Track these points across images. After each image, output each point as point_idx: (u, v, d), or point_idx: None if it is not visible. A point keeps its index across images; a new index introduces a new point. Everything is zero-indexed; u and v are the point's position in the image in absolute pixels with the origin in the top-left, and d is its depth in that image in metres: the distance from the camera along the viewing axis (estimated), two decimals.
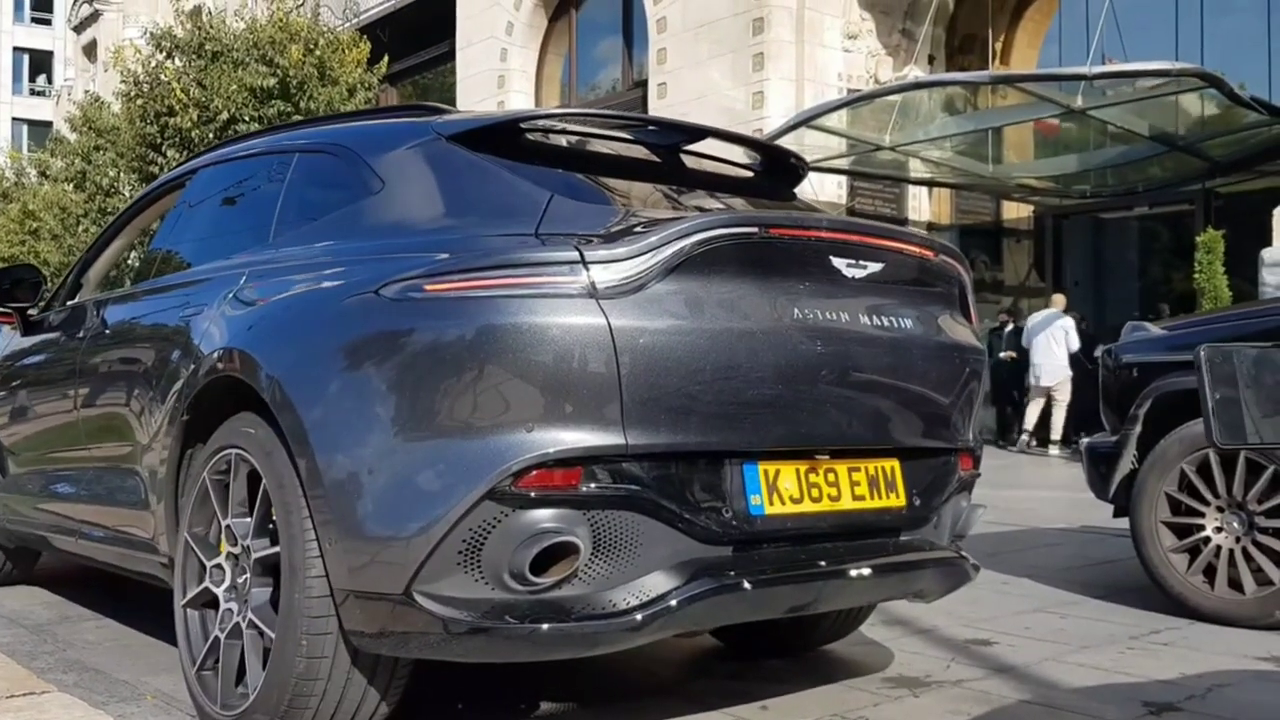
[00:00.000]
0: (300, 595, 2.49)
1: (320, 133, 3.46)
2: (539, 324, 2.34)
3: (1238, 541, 4.13)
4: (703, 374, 2.44)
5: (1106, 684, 3.30)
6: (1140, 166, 14.83)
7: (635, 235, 2.46)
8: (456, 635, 2.34)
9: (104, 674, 3.41)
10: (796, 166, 3.67)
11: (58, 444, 4.03)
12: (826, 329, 2.64)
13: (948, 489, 3.00)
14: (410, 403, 2.40)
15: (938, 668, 3.46)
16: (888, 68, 15.42)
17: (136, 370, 3.43)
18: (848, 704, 3.08)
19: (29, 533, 4.28)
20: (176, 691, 3.18)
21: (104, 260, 4.58)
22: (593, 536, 2.35)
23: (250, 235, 3.36)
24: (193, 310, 3.22)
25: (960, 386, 2.98)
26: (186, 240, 3.88)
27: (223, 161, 3.87)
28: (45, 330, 4.44)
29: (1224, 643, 3.84)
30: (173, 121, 14.82)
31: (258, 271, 3.08)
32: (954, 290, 3.09)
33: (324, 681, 2.50)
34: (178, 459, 3.09)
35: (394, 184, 2.90)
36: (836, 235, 2.75)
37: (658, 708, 3.03)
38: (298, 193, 3.29)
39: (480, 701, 3.13)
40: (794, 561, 2.63)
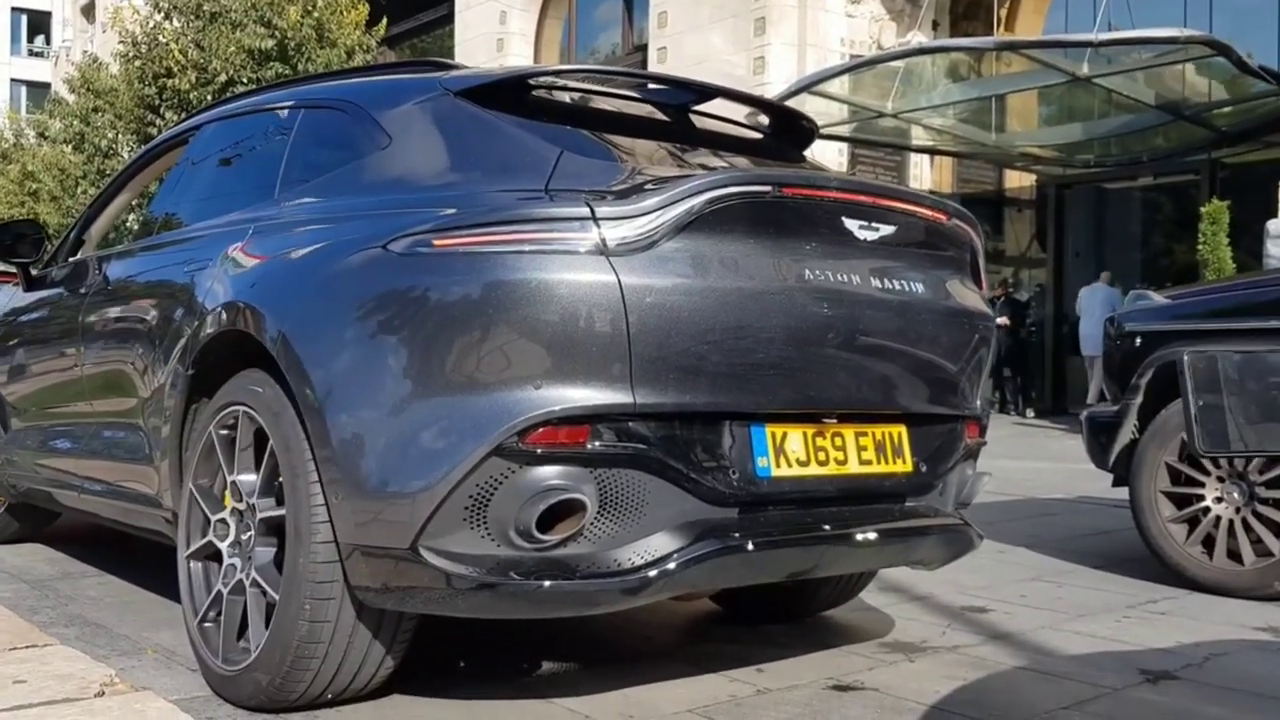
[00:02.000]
0: (306, 552, 2.48)
1: (326, 88, 3.42)
2: (548, 280, 2.32)
3: (1237, 512, 4.12)
4: (712, 334, 2.42)
5: (1103, 651, 3.30)
6: (1145, 136, 14.76)
7: (646, 192, 2.43)
8: (461, 591, 2.34)
9: (105, 628, 3.43)
10: (806, 128, 3.64)
11: (61, 400, 4.02)
12: (837, 291, 2.62)
13: (954, 456, 2.98)
14: (418, 358, 2.39)
15: (934, 634, 3.46)
16: (891, 33, 15.33)
17: (140, 326, 3.42)
18: (843, 668, 3.08)
19: (33, 488, 4.27)
20: (177, 646, 3.20)
21: (106, 217, 4.56)
22: (599, 495, 2.35)
23: (255, 191, 3.32)
24: (197, 266, 3.19)
25: (969, 353, 2.96)
26: (190, 196, 3.85)
27: (227, 118, 3.84)
28: (47, 286, 4.42)
29: (1222, 613, 3.84)
30: (171, 83, 14.77)
31: (263, 227, 3.04)
32: (965, 255, 3.06)
33: (327, 641, 2.50)
34: (182, 414, 3.07)
35: (401, 139, 2.88)
36: (849, 196, 2.72)
37: (656, 670, 3.03)
38: (303, 148, 3.26)
39: (480, 661, 3.13)
40: (799, 525, 2.61)
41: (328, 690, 2.57)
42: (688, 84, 3.39)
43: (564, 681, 2.96)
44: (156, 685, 2.78)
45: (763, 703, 2.78)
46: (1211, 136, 14.00)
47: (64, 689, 2.63)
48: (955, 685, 2.95)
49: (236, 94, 13.33)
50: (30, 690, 2.61)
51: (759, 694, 2.85)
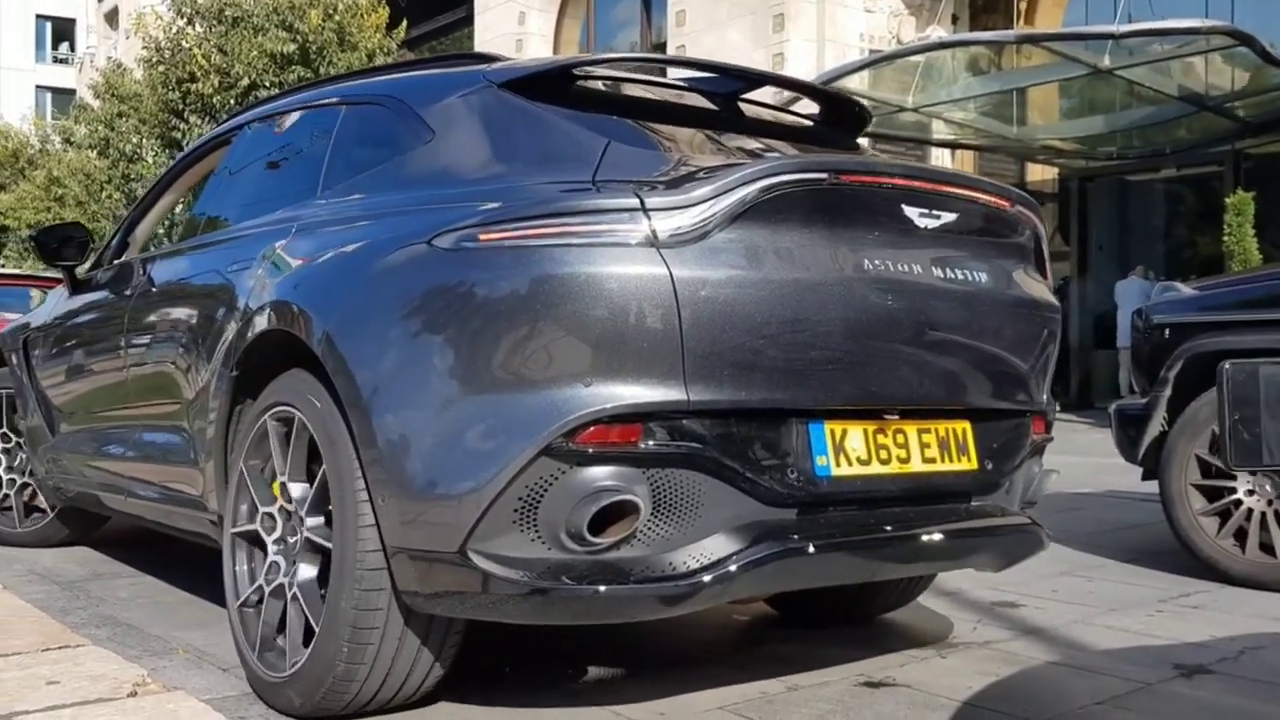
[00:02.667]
0: (352, 555, 2.44)
1: (368, 84, 3.38)
2: (597, 274, 2.26)
3: (1269, 504, 4.09)
4: (768, 328, 2.35)
5: (1136, 646, 3.29)
6: (1167, 127, 14.66)
7: (698, 181, 2.36)
8: (512, 596, 2.28)
9: (136, 629, 3.45)
10: (860, 114, 3.53)
11: (107, 403, 4.00)
12: (898, 282, 2.53)
13: (1020, 453, 2.89)
14: (464, 356, 2.33)
15: (965, 629, 3.45)
16: (910, 28, 15.27)
17: (184, 327, 3.40)
18: (875, 664, 3.07)
19: (82, 492, 4.25)
20: (208, 646, 3.23)
21: (151, 219, 4.53)
22: (652, 496, 2.28)
23: (298, 189, 3.30)
24: (240, 265, 3.16)
25: (1035, 345, 2.87)
26: (233, 196, 3.83)
27: (269, 116, 3.81)
28: (92, 289, 4.39)
29: (1255, 606, 3.82)
30: (194, 88, 14.86)
31: (306, 225, 3.01)
32: (1029, 243, 2.96)
33: (375, 645, 2.45)
34: (226, 416, 3.04)
35: (445, 133, 2.83)
36: (909, 182, 2.62)
37: (703, 674, 2.98)
38: (346, 145, 3.22)
39: (527, 667, 3.10)
40: (861, 526, 2.53)
41: (374, 700, 2.53)
42: (736, 71, 3.32)
43: (610, 688, 2.93)
44: (188, 685, 2.79)
45: (795, 699, 2.78)
46: (1235, 127, 13.90)
47: (97, 689, 2.64)
48: (988, 681, 2.94)
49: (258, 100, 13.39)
50: (64, 691, 2.64)
51: (790, 691, 2.85)
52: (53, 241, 4.42)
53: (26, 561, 4.57)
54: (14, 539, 4.91)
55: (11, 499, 4.94)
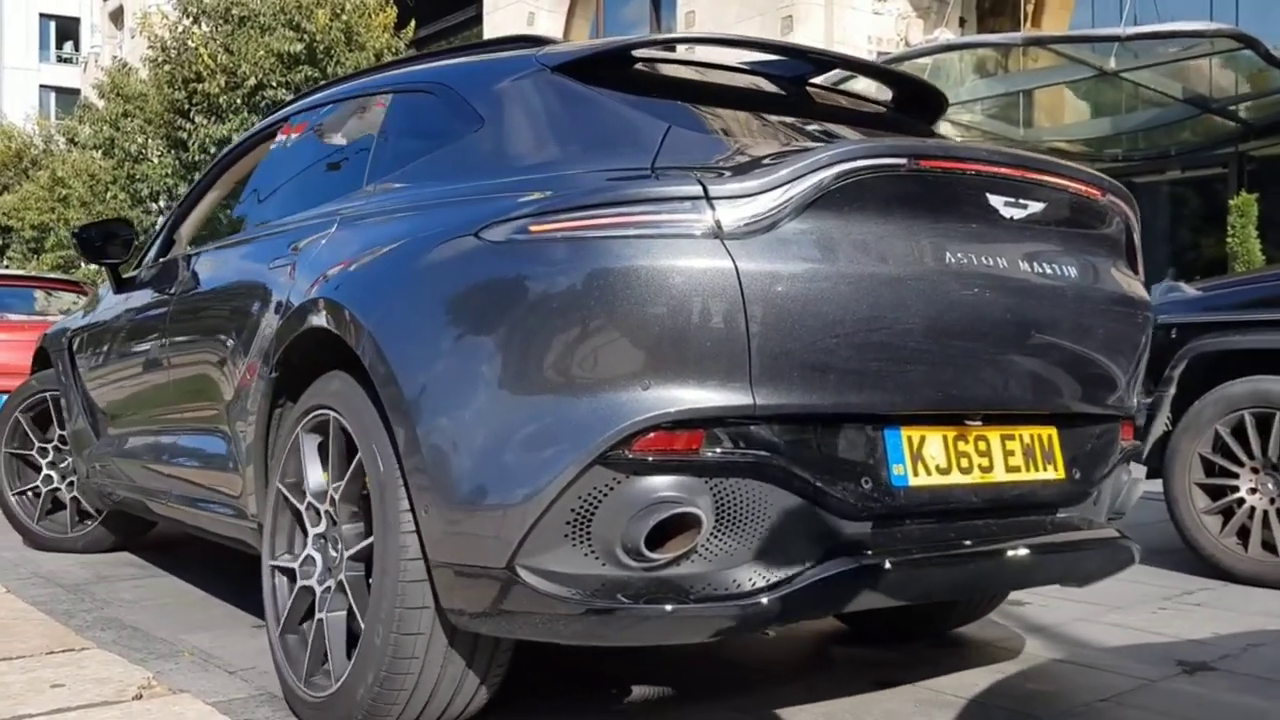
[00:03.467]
0: (393, 569, 2.30)
1: (416, 72, 3.21)
2: (657, 268, 2.09)
3: (1272, 503, 4.11)
4: (841, 326, 2.16)
5: (1140, 643, 3.30)
6: (1172, 130, 14.65)
7: (766, 168, 2.18)
8: (564, 615, 2.11)
9: (141, 631, 3.44)
10: (936, 98, 3.33)
11: (149, 405, 3.91)
12: (981, 276, 2.34)
13: (1109, 461, 2.69)
14: (512, 357, 2.18)
15: (972, 627, 3.46)
16: (918, 30, 15.27)
17: (224, 327, 3.29)
18: (883, 663, 3.09)
19: (128, 497, 4.14)
20: (214, 649, 3.22)
21: (197, 215, 4.41)
22: (715, 508, 2.10)
23: (344, 181, 3.19)
24: (282, 261, 3.04)
25: (1126, 345, 2.66)
26: (278, 190, 3.70)
27: (315, 107, 3.70)
28: (136, 288, 4.29)
29: (1258, 604, 3.83)
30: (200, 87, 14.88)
31: (349, 218, 2.88)
32: (1121, 235, 2.74)
33: (418, 667, 2.31)
34: (266, 418, 2.92)
35: (495, 120, 2.67)
36: (994, 169, 2.42)
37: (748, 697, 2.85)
38: (392, 135, 3.09)
39: (565, 681, 2.98)
40: (941, 540, 2.33)
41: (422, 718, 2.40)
42: (803, 52, 3.15)
43: (655, 709, 2.78)
44: (194, 688, 2.77)
45: (804, 696, 2.79)
46: (1239, 130, 13.89)
47: (102, 692, 2.64)
48: (994, 679, 2.95)
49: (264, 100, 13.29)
50: (68, 694, 2.63)
51: (802, 690, 2.86)
52: (96, 239, 4.31)
53: (30, 564, 4.56)
54: (63, 545, 4.85)
55: (65, 503, 4.90)
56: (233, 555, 4.47)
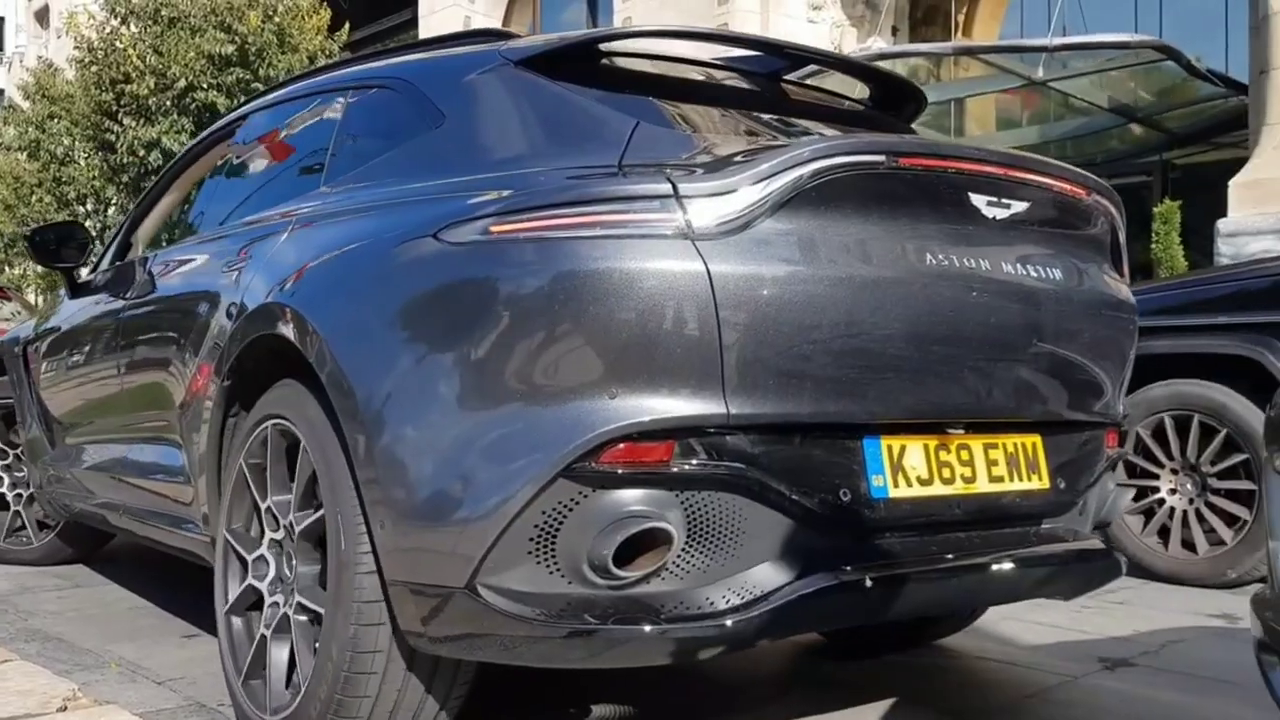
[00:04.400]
0: (348, 589, 2.20)
1: (376, 68, 3.10)
2: (624, 270, 1.98)
3: (1191, 503, 4.22)
4: (818, 331, 2.07)
5: (1063, 641, 3.37)
6: (1099, 138, 14.96)
7: (739, 165, 2.08)
8: (528, 637, 2.01)
9: (67, 643, 3.38)
10: (915, 96, 3.23)
11: (103, 413, 3.79)
12: (964, 279, 2.25)
13: (1095, 469, 2.60)
14: (473, 365, 2.07)
15: None
16: (852, 39, 15.42)
17: (177, 333, 3.18)
18: (807, 662, 3.12)
19: (85, 509, 4.00)
20: (141, 659, 3.17)
21: (154, 217, 4.23)
22: (687, 522, 2.00)
23: (302, 181, 3.09)
24: (236, 265, 2.93)
25: (1112, 350, 2.58)
26: (236, 190, 3.60)
27: (273, 105, 3.58)
28: (91, 293, 4.15)
29: (1177, 601, 3.93)
30: (129, 89, 14.60)
31: (305, 219, 2.78)
32: (1106, 236, 2.65)
33: (374, 689, 2.20)
34: (220, 428, 2.81)
35: (456, 117, 2.58)
36: (977, 167, 2.32)
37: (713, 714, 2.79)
38: (351, 133, 2.99)
39: (518, 697, 2.85)
40: (923, 554, 2.24)
41: None
42: (779, 47, 3.00)
43: None
44: (121, 699, 2.72)
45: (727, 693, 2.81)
46: (1163, 139, 14.21)
47: (25, 705, 2.56)
48: (918, 677, 3.00)
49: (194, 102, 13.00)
50: None
51: (723, 686, 2.88)
52: (51, 242, 4.18)
53: None
54: (20, 558, 4.69)
55: (22, 516, 4.72)
56: (161, 565, 4.42)
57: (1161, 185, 14.14)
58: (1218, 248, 9.60)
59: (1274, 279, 4.41)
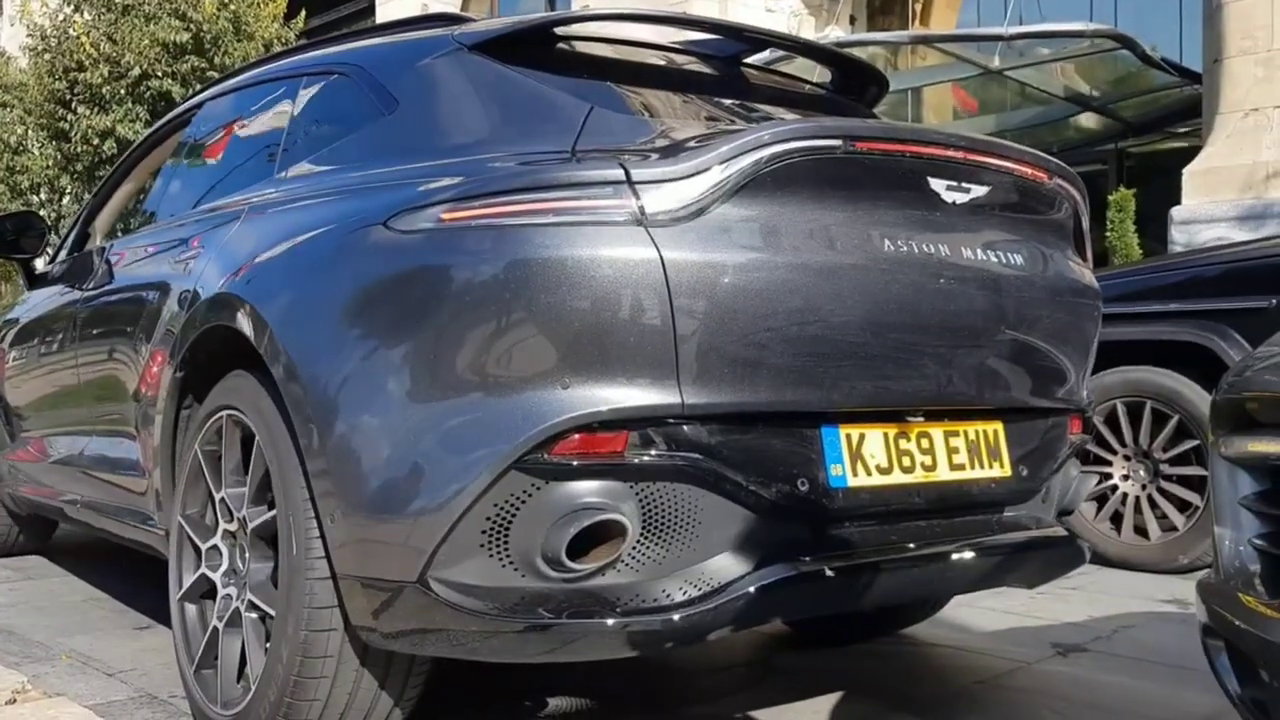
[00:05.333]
0: (298, 585, 2.17)
1: (330, 54, 3.07)
2: (576, 258, 1.96)
3: (1143, 489, 4.27)
4: (774, 318, 2.04)
5: (1017, 627, 3.40)
6: (1056, 127, 15.08)
7: (692, 150, 2.05)
8: (481, 632, 1.99)
9: (16, 635, 3.36)
10: (877, 80, 3.21)
11: (59, 405, 3.78)
12: (923, 264, 2.22)
13: (1057, 456, 2.58)
14: (422, 355, 2.05)
15: None
16: (810, 28, 15.46)
17: (131, 324, 3.15)
18: (760, 651, 3.13)
19: (39, 501, 4.01)
20: (93, 651, 3.16)
21: (111, 206, 4.22)
22: (642, 514, 1.98)
23: (255, 170, 3.06)
24: (189, 255, 2.92)
25: (1076, 336, 2.56)
26: (192, 179, 3.57)
27: (228, 92, 3.55)
28: (49, 284, 4.16)
29: (1130, 587, 3.98)
30: (83, 77, 14.41)
31: (258, 208, 2.76)
32: (1068, 221, 2.63)
33: (326, 685, 2.18)
34: (173, 420, 2.78)
35: (409, 103, 2.55)
36: (936, 151, 2.29)
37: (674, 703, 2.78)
38: (305, 120, 2.96)
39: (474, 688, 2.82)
40: (884, 543, 2.22)
41: None
42: (738, 31, 2.97)
43: None
44: (71, 691, 2.72)
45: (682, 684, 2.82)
46: (1119, 127, 14.36)
47: None
48: (872, 663, 3.02)
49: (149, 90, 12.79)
50: None
51: (679, 677, 2.89)
52: (9, 232, 4.19)
53: None
54: None
55: None
56: (114, 558, 4.38)
57: (1117, 174, 14.29)
58: (1172, 235, 9.71)
59: (1226, 266, 4.47)
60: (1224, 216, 9.16)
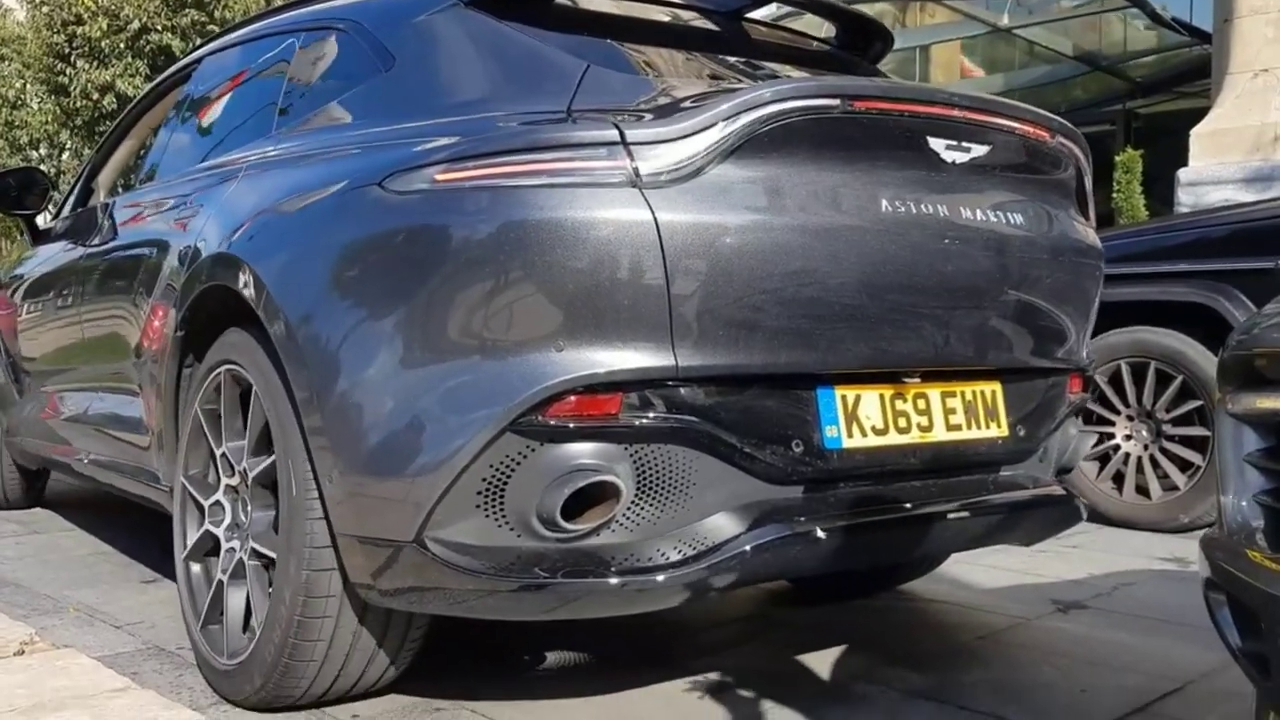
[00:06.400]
0: (299, 538, 2.20)
1: (328, 8, 3.02)
2: (570, 220, 1.95)
3: (1145, 449, 4.28)
4: (770, 280, 2.04)
5: (1018, 584, 3.42)
6: (1063, 87, 15.01)
7: (687, 110, 2.04)
8: (477, 590, 2.02)
9: (24, 588, 3.39)
10: (882, 35, 3.17)
11: (64, 361, 3.81)
12: (922, 225, 2.21)
13: (1056, 416, 2.58)
14: (417, 317, 2.05)
15: None
16: None
17: (132, 282, 3.17)
18: (763, 607, 3.15)
19: (49, 456, 4.07)
20: (100, 604, 3.18)
21: (114, 163, 4.28)
22: (636, 475, 1.99)
23: (253, 128, 3.04)
24: (188, 213, 2.93)
25: (1076, 295, 2.55)
26: (192, 135, 3.56)
27: (227, 48, 3.53)
28: (51, 240, 4.20)
29: (1130, 545, 3.99)
30: (81, 30, 14.34)
31: (256, 165, 2.75)
32: (1071, 180, 2.61)
33: (327, 638, 2.21)
34: (175, 377, 2.79)
35: (406, 60, 2.53)
36: (935, 110, 2.28)
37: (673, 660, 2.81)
38: (302, 77, 2.94)
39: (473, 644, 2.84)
40: (878, 503, 2.25)
41: (326, 696, 2.32)
42: None
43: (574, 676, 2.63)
44: (79, 643, 2.74)
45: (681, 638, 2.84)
46: (1126, 88, 14.28)
47: None
48: (873, 619, 3.03)
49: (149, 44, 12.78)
50: None
51: (677, 631, 2.90)
52: (12, 188, 4.25)
53: None
54: None
55: None
56: (120, 512, 4.41)
57: (1124, 134, 14.22)
58: (1178, 197, 9.68)
59: (1231, 227, 4.45)
60: (1231, 178, 9.13)
